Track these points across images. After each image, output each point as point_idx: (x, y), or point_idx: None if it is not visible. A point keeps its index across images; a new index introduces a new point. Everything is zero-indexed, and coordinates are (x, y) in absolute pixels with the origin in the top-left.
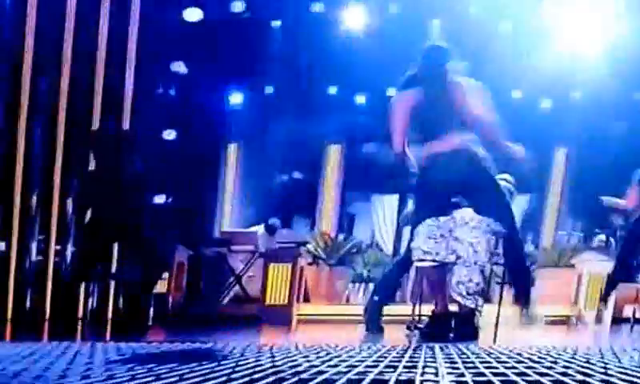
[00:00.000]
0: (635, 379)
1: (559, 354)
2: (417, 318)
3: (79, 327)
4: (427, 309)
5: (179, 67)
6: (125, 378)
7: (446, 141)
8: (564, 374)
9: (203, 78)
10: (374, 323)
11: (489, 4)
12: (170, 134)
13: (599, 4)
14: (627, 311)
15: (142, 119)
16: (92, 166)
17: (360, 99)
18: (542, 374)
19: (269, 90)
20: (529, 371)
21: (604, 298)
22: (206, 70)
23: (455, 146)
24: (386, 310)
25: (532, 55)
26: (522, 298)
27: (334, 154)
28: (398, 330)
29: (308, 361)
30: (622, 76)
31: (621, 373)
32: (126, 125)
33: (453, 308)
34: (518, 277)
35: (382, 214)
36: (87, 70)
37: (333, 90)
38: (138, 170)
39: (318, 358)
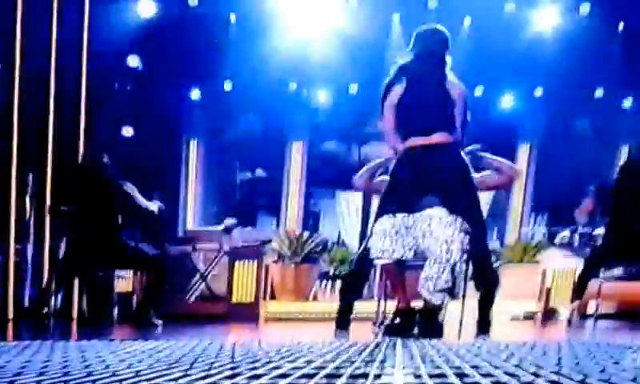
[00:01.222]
0: (586, 370)
1: (518, 349)
2: (382, 314)
3: (43, 326)
4: (392, 305)
5: (135, 62)
6: (81, 375)
7: (431, 137)
8: (517, 367)
9: (161, 74)
10: (344, 321)
11: None
12: (127, 131)
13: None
14: (591, 307)
15: (98, 116)
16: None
17: (321, 95)
18: (496, 367)
19: (228, 86)
20: (483, 364)
21: (573, 300)
22: (164, 66)
23: (440, 143)
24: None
25: (493, 51)
26: (486, 301)
27: (296, 151)
28: (363, 326)
29: (267, 356)
30: (583, 73)
31: (574, 364)
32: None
33: (417, 304)
34: (484, 280)
35: (347, 210)
36: (41, 66)
37: (293, 86)
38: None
39: (277, 354)
